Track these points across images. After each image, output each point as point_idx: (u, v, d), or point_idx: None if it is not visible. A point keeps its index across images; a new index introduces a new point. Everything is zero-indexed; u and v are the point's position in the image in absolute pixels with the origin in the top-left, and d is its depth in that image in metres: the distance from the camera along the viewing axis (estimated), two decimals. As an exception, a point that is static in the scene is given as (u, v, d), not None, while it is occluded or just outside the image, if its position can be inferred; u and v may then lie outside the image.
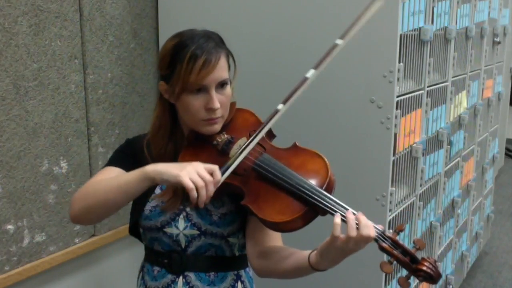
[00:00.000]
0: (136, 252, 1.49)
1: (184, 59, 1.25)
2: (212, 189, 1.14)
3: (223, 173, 1.19)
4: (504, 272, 3.75)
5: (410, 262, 1.16)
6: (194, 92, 1.27)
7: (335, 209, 1.17)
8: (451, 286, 2.94)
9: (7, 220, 1.88)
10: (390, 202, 1.99)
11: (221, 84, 1.30)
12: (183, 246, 1.36)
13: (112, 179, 1.28)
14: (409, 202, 2.22)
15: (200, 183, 1.12)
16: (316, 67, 1.23)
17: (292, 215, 1.19)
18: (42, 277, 2.03)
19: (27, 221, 1.94)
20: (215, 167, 1.16)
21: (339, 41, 1.24)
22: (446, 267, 2.92)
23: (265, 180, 1.25)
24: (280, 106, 1.24)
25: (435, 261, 1.18)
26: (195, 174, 1.13)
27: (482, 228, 3.63)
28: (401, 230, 1.21)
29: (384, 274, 2.03)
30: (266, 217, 1.20)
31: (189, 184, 1.12)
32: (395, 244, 1.17)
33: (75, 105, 2.06)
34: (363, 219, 1.14)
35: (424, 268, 1.14)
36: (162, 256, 1.38)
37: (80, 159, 2.10)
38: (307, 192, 1.19)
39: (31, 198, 1.94)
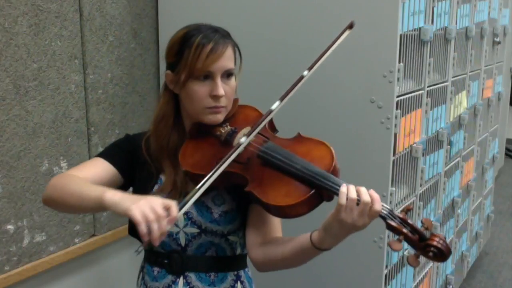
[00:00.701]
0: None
1: (192, 45, 1.28)
2: (165, 225, 1.08)
3: (181, 208, 1.15)
4: (504, 272, 3.75)
5: (419, 241, 1.15)
6: (200, 79, 1.29)
7: (340, 185, 1.17)
8: (451, 286, 2.94)
9: (7, 220, 1.88)
10: (390, 202, 1.99)
11: (227, 75, 1.32)
12: (183, 245, 1.35)
13: (82, 184, 1.26)
14: (409, 202, 2.22)
15: (151, 217, 1.07)
16: (282, 99, 1.25)
17: (298, 198, 1.18)
18: (42, 277, 2.03)
19: (27, 221, 1.94)
20: (171, 203, 1.11)
21: (306, 73, 1.26)
22: (446, 267, 2.92)
23: (270, 165, 1.25)
24: (243, 139, 1.25)
25: (445, 237, 1.16)
26: (147, 208, 1.08)
27: (482, 228, 3.63)
28: (409, 210, 1.20)
29: (384, 274, 2.03)
30: (270, 201, 1.19)
31: (138, 218, 1.07)
32: (404, 222, 1.16)
33: (75, 105, 2.06)
34: (363, 189, 1.15)
35: (434, 243, 1.12)
36: (162, 257, 1.38)
37: (80, 159, 2.10)
38: (313, 174, 1.19)
39: (31, 198, 1.94)
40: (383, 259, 2.01)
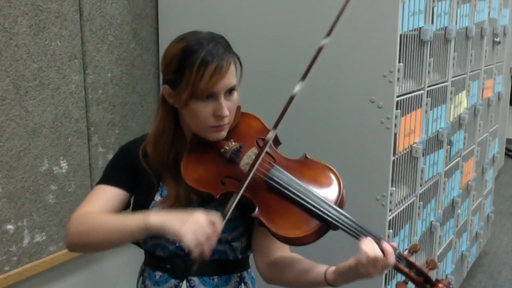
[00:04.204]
0: (135, 253, 1.48)
1: (194, 64, 1.21)
2: (214, 241, 1.12)
3: (224, 219, 1.16)
4: (504, 272, 3.75)
5: (424, 282, 1.17)
6: (203, 99, 1.24)
7: (354, 231, 1.19)
8: (451, 286, 2.93)
9: (7, 220, 1.88)
10: (390, 202, 1.99)
11: (229, 90, 1.28)
12: (186, 251, 1.34)
13: (112, 219, 1.25)
14: (409, 202, 2.22)
15: (202, 240, 1.10)
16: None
17: (307, 231, 1.18)
18: (42, 277, 2.03)
19: (27, 221, 1.94)
20: (215, 218, 1.13)
21: (326, 41, 1.22)
22: (446, 267, 2.92)
23: (277, 193, 1.23)
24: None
25: (449, 283, 1.19)
26: (198, 230, 1.10)
27: (482, 228, 3.63)
28: (415, 251, 1.23)
29: (384, 274, 2.03)
30: (279, 232, 1.19)
31: (191, 245, 1.10)
32: (410, 264, 1.19)
33: (75, 105, 2.06)
34: (386, 245, 1.17)
35: None
36: (165, 261, 1.36)
37: (80, 159, 2.10)
38: (323, 210, 1.19)
39: (31, 198, 1.94)
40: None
